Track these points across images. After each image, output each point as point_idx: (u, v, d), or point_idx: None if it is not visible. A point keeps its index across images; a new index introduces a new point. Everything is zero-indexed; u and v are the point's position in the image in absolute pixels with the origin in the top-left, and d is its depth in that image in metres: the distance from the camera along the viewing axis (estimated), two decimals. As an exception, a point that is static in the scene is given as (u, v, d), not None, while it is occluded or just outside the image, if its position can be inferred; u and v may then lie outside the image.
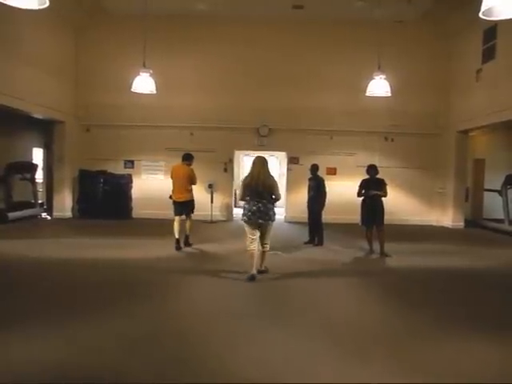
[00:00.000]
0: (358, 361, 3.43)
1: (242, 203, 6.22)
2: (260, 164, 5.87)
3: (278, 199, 5.95)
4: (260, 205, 5.71)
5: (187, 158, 8.12)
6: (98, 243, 8.33)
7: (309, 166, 8.98)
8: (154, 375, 3.15)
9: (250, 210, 5.77)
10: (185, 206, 7.97)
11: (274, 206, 5.90)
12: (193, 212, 8.20)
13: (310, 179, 8.83)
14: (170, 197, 8.09)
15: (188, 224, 8.09)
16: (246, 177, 5.98)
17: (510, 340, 3.97)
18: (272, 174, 6.04)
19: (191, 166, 8.11)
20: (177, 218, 7.94)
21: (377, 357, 3.51)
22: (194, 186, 8.13)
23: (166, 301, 4.89)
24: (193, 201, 8.10)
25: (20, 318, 4.18)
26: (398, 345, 3.80)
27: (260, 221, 5.76)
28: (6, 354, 3.40)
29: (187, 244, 8.07)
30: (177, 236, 7.80)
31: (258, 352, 3.56)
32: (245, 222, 5.88)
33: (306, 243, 8.68)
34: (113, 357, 3.44)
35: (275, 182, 5.96)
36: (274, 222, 5.96)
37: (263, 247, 6.02)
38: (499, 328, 4.25)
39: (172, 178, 8.07)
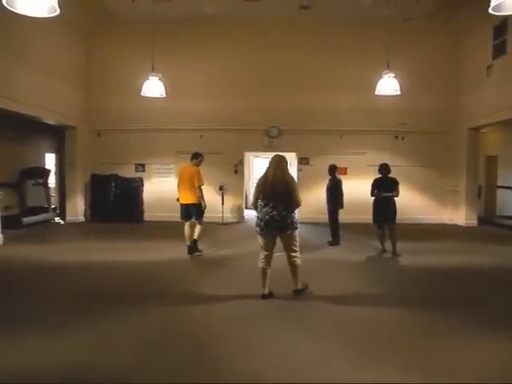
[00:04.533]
0: (373, 361, 3.41)
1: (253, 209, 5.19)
2: (277, 163, 5.05)
3: (297, 205, 4.97)
4: (274, 212, 4.84)
5: (194, 157, 7.66)
6: (110, 247, 8.41)
7: (327, 167, 8.87)
8: (169, 377, 3.17)
9: (262, 220, 4.92)
10: (191, 210, 7.48)
11: (292, 213, 4.97)
12: (201, 217, 7.56)
13: (329, 180, 8.80)
14: (178, 199, 7.68)
15: (197, 229, 7.52)
16: (260, 178, 5.14)
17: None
18: (292, 175, 5.19)
19: (199, 166, 7.62)
20: (186, 224, 7.58)
21: (391, 357, 3.50)
22: (204, 189, 7.59)
23: (179, 303, 4.92)
24: (199, 205, 7.42)
25: (34, 320, 4.24)
26: (412, 345, 3.78)
27: (276, 232, 4.94)
28: (17, 355, 3.45)
29: (195, 249, 7.54)
30: (188, 243, 7.54)
31: (272, 353, 3.57)
32: (258, 233, 5.06)
33: (330, 243, 8.64)
34: (126, 360, 3.47)
35: (294, 183, 5.07)
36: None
37: (292, 261, 5.07)
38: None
39: (178, 179, 7.71)
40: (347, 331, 4.07)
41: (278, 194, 4.87)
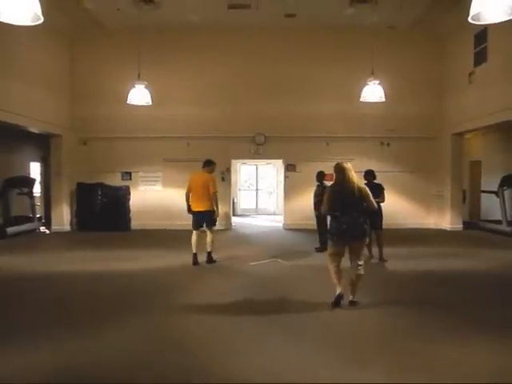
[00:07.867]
0: (358, 364, 3.44)
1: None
2: (346, 169, 4.93)
3: (372, 210, 5.06)
4: (351, 220, 4.83)
5: (207, 164, 7.48)
6: (97, 256, 8.31)
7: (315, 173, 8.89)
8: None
9: (339, 229, 4.88)
10: (205, 217, 7.29)
11: (365, 219, 5.02)
12: (214, 225, 7.53)
13: (317, 186, 8.82)
14: (189, 209, 7.37)
15: (209, 238, 7.36)
16: (331, 187, 5.14)
17: (510, 341, 3.97)
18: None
19: (212, 173, 7.56)
20: (195, 232, 7.37)
21: (377, 360, 3.52)
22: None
23: (168, 312, 4.88)
24: (213, 212, 7.29)
25: (20, 332, 4.17)
26: (399, 348, 3.81)
27: (351, 239, 4.91)
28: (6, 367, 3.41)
29: (210, 261, 7.41)
30: (194, 251, 7.30)
31: (260, 358, 3.57)
32: (332, 241, 5.03)
33: (317, 250, 8.62)
34: (114, 369, 3.43)
35: (366, 188, 5.02)
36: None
37: (357, 269, 4.99)
38: (500, 329, 4.24)
39: (189, 186, 7.39)
40: (333, 335, 4.09)
41: (354, 201, 4.85)
